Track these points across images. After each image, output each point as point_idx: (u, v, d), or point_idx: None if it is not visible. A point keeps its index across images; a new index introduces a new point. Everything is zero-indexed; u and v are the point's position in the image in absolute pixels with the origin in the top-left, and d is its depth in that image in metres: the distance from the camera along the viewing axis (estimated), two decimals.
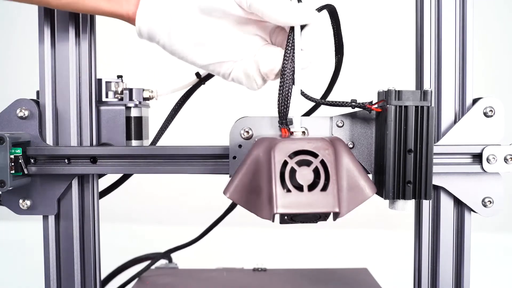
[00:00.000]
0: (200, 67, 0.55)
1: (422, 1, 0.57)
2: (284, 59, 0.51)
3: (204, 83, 0.65)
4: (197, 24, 0.52)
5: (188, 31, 0.52)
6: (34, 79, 0.60)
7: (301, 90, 0.51)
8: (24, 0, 0.53)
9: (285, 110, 0.51)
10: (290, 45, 0.51)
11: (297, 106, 0.51)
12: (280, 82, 0.51)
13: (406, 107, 0.49)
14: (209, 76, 0.64)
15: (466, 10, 0.56)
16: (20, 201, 0.57)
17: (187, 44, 0.53)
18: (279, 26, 0.53)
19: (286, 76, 0.51)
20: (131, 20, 0.53)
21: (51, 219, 0.58)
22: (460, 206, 0.57)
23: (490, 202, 0.56)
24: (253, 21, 0.53)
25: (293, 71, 0.51)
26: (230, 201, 0.73)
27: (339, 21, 0.57)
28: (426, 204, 0.58)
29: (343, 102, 0.52)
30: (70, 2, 0.52)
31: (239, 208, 0.49)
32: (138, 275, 0.79)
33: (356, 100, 0.52)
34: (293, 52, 0.51)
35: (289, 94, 0.51)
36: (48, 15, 0.57)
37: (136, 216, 1.78)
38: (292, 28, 0.51)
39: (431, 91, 0.50)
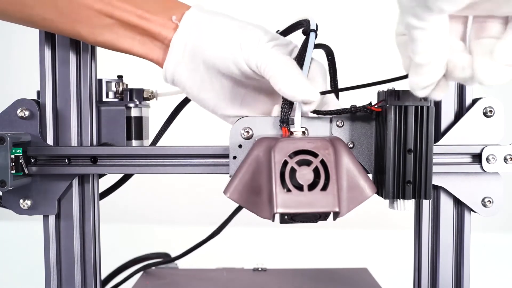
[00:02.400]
0: (224, 119, 0.58)
1: None
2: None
3: None
4: (217, 83, 0.55)
5: (204, 85, 0.55)
6: (35, 79, 0.60)
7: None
8: (58, 33, 0.55)
9: (287, 110, 0.51)
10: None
11: (298, 106, 0.51)
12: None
13: (405, 107, 0.49)
14: None
15: None
16: (21, 201, 0.57)
17: (207, 100, 0.56)
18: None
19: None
20: (160, 65, 0.56)
21: (52, 219, 0.58)
22: (460, 206, 0.58)
23: (490, 202, 0.56)
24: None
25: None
26: (230, 201, 0.73)
27: (335, 62, 0.58)
28: (426, 204, 0.58)
29: (343, 109, 0.53)
30: (105, 42, 0.54)
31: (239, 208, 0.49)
32: (139, 270, 0.79)
33: (355, 105, 0.52)
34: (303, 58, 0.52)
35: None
36: None
37: (137, 216, 1.78)
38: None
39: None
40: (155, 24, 0.53)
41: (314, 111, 0.53)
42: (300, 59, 0.52)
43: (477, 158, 0.55)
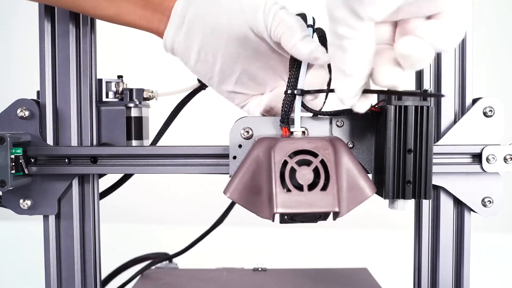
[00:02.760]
0: (218, 91, 0.58)
1: None
2: (291, 63, 0.52)
3: (204, 88, 0.65)
4: (221, 52, 0.54)
5: (213, 61, 0.55)
6: (35, 79, 0.60)
7: (302, 101, 0.52)
8: (60, 5, 0.56)
9: (287, 110, 0.51)
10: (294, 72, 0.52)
11: (298, 106, 0.51)
12: (287, 86, 0.52)
13: (405, 107, 0.49)
14: None
15: None
16: (21, 201, 0.57)
17: (205, 72, 0.56)
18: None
19: (292, 80, 0.51)
20: (161, 37, 0.56)
21: (52, 219, 0.58)
22: (460, 206, 0.58)
23: (490, 202, 0.56)
24: (275, 57, 0.54)
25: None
26: (230, 201, 0.73)
27: (326, 44, 0.57)
28: (426, 204, 0.58)
29: (343, 110, 0.53)
30: (107, 16, 0.55)
31: (239, 208, 0.49)
32: (138, 273, 0.79)
33: None
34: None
35: (293, 97, 0.51)
36: (48, 15, 0.58)
37: (137, 216, 1.78)
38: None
39: (431, 91, 0.50)
40: None
41: (314, 112, 0.53)
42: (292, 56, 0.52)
43: (477, 158, 0.55)
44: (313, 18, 0.54)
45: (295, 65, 0.52)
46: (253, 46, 0.53)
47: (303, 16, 0.54)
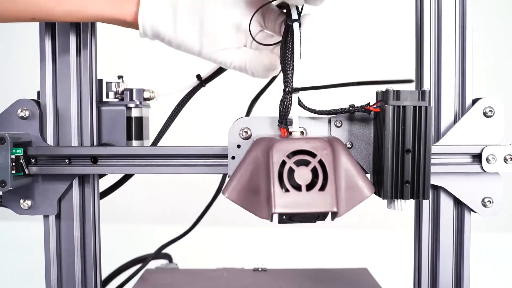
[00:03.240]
0: (205, 57, 0.55)
1: (422, 1, 0.57)
2: (285, 62, 0.51)
3: (204, 85, 0.65)
4: (199, 10, 0.53)
5: (192, 20, 0.53)
6: (35, 79, 0.60)
7: (298, 99, 0.52)
8: (25, 18, 0.52)
9: (285, 110, 0.51)
10: (290, 46, 0.51)
11: (296, 106, 0.51)
12: (284, 83, 0.52)
13: (404, 107, 0.49)
14: (209, 78, 0.64)
15: (466, 10, 0.56)
16: (21, 201, 0.57)
17: (192, 35, 0.53)
18: (271, 12, 0.55)
19: (289, 78, 0.51)
20: (133, 22, 0.54)
21: (52, 219, 0.59)
22: (460, 206, 0.57)
23: (490, 202, 0.56)
24: (253, 5, 0.54)
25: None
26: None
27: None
28: (426, 204, 0.58)
29: (341, 109, 0.53)
30: (72, 10, 0.52)
31: (238, 208, 0.49)
32: (138, 273, 0.79)
33: (354, 105, 0.52)
34: (293, 51, 0.51)
35: (291, 96, 0.51)
36: None
37: (137, 216, 1.79)
38: (290, 28, 0.51)
39: (429, 91, 0.50)
40: None
41: (313, 110, 0.53)
42: (285, 53, 0.52)
43: (477, 158, 0.55)
44: (297, 8, 0.53)
45: (290, 61, 0.51)
46: None
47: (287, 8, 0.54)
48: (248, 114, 0.70)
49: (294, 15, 0.53)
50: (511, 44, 1.76)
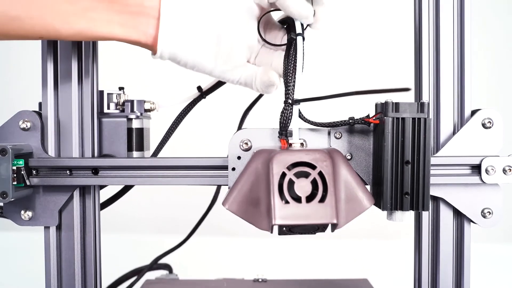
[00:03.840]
0: (215, 75, 0.56)
1: (421, 13, 0.58)
2: (287, 74, 0.52)
3: (204, 97, 0.65)
4: (217, 31, 0.53)
5: (210, 41, 0.53)
6: (36, 90, 0.60)
7: (299, 111, 0.52)
8: (32, 37, 0.51)
9: (286, 122, 0.52)
10: (292, 59, 0.52)
11: (296, 118, 0.52)
12: (285, 96, 0.52)
13: (403, 119, 0.50)
14: (210, 90, 0.65)
15: (464, 21, 0.57)
16: (22, 212, 0.58)
17: (208, 56, 0.53)
18: (272, 26, 0.57)
19: (290, 90, 0.52)
20: (149, 45, 0.52)
21: (52, 230, 0.59)
22: (459, 217, 0.58)
23: (490, 213, 0.56)
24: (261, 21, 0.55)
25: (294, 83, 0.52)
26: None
27: None
28: (426, 215, 0.58)
29: (341, 121, 0.53)
30: (80, 30, 0.50)
31: (238, 219, 0.50)
32: (132, 285, 0.79)
33: (353, 117, 0.53)
34: (296, 64, 0.52)
35: (291, 108, 0.52)
36: None
37: (137, 226, 1.78)
38: (293, 43, 0.52)
39: (428, 103, 0.50)
40: None
41: (313, 123, 0.53)
42: (287, 66, 0.53)
43: (476, 169, 0.55)
44: (301, 25, 0.54)
45: (292, 74, 0.52)
46: (253, 14, 0.54)
47: (291, 21, 0.55)
48: (240, 126, 0.70)
49: (298, 29, 0.53)
50: (509, 55, 1.76)
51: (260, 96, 0.66)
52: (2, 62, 1.90)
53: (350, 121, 0.53)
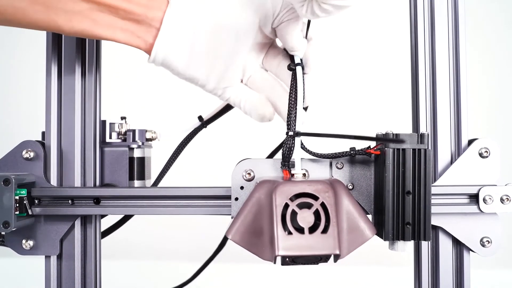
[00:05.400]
0: (207, 90, 0.57)
1: (417, 45, 0.59)
2: (289, 105, 0.53)
3: (205, 127, 0.66)
4: (216, 49, 0.54)
5: (207, 58, 0.54)
6: (40, 119, 0.61)
7: (301, 142, 0.53)
8: (34, 28, 0.51)
9: (288, 153, 0.52)
10: (293, 90, 0.53)
11: (298, 149, 0.53)
12: (287, 126, 0.53)
13: (403, 150, 0.50)
14: (211, 119, 0.66)
15: (459, 54, 0.58)
16: (23, 241, 0.57)
17: (201, 71, 0.54)
18: (272, 47, 0.58)
19: (292, 121, 0.53)
20: (147, 51, 0.54)
21: (53, 259, 0.59)
22: (459, 245, 0.58)
23: (489, 242, 0.56)
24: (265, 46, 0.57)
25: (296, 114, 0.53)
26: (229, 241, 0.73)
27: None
28: (425, 244, 0.58)
29: (343, 152, 0.54)
30: (84, 30, 0.51)
31: (239, 246, 0.50)
32: None
33: (354, 148, 0.54)
34: (296, 95, 0.53)
35: (293, 139, 0.53)
36: (55, 56, 0.59)
37: (139, 253, 1.77)
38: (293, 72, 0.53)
39: (428, 134, 0.51)
40: (137, 5, 0.50)
41: (315, 154, 0.54)
42: (289, 96, 0.54)
43: (474, 198, 0.56)
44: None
45: (294, 105, 0.53)
46: (254, 36, 0.54)
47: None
48: None
49: (297, 60, 0.54)
50: (505, 84, 1.79)
51: None
52: (7, 92, 1.90)
53: (352, 152, 0.54)
